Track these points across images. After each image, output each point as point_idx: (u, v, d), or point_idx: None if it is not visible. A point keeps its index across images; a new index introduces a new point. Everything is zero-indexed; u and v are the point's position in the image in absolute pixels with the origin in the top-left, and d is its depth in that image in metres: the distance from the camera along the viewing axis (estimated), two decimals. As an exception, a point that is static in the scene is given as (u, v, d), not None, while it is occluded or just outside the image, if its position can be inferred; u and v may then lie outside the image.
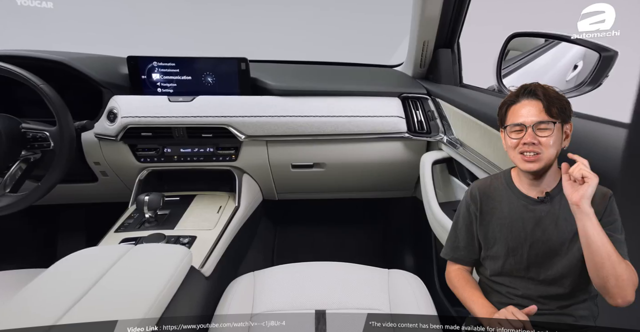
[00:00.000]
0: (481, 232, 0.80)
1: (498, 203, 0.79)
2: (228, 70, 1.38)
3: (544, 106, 0.71)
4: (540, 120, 0.71)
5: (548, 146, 0.70)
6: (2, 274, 1.12)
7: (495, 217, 0.79)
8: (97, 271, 0.76)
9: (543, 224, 0.75)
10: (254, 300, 1.04)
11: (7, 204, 1.03)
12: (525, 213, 0.76)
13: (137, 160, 1.36)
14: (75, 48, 1.48)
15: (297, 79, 1.44)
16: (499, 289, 0.79)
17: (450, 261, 0.86)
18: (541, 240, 0.75)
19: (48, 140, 1.07)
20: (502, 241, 0.77)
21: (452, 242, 0.85)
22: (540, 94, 0.72)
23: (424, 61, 1.36)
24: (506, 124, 0.74)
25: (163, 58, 1.37)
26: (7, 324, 0.63)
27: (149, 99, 1.32)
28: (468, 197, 0.83)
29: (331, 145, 1.39)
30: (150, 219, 1.19)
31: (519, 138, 0.72)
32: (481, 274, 0.84)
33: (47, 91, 1.04)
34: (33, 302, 0.67)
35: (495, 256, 0.78)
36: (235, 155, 1.39)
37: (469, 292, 0.79)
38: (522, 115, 0.72)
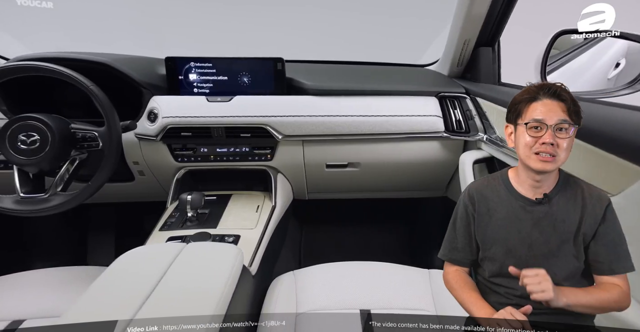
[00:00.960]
0: (479, 233, 0.80)
1: (496, 204, 0.79)
2: (264, 70, 1.39)
3: (568, 108, 0.71)
4: (563, 120, 0.70)
5: (563, 149, 0.70)
6: (53, 270, 1.14)
7: (493, 218, 0.79)
8: (158, 268, 0.77)
9: (541, 225, 0.75)
10: (297, 299, 1.05)
11: (60, 202, 1.05)
12: (523, 214, 0.76)
13: (174, 160, 1.38)
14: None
15: (332, 79, 1.44)
16: (497, 289, 0.79)
17: (447, 263, 0.85)
18: (539, 241, 0.75)
19: (97, 140, 1.09)
20: (500, 242, 0.77)
21: (449, 244, 0.85)
22: (566, 96, 0.72)
23: (461, 60, 1.35)
24: (526, 121, 0.72)
25: (200, 59, 1.38)
26: (85, 317, 0.64)
27: (187, 99, 1.33)
28: (466, 198, 0.82)
29: (367, 145, 1.39)
30: (192, 218, 1.20)
31: (536, 136, 0.70)
32: (479, 275, 0.84)
33: (96, 92, 1.06)
34: (106, 298, 0.69)
35: (494, 257, 0.78)
36: (270, 155, 1.40)
37: (467, 294, 0.79)
38: (544, 114, 0.71)
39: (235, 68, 1.39)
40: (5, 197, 1.04)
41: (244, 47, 1.84)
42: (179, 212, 1.27)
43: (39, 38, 1.66)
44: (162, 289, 0.69)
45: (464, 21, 1.18)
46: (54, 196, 1.06)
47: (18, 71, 1.03)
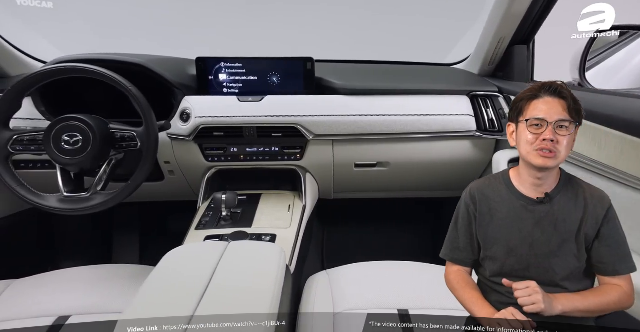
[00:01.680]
0: (480, 232, 0.80)
1: (497, 204, 0.79)
2: (294, 70, 1.39)
3: (569, 105, 0.71)
4: (563, 118, 0.71)
5: (564, 146, 0.71)
6: (92, 268, 1.17)
7: (494, 217, 0.79)
8: (207, 267, 0.78)
9: (542, 224, 0.75)
10: (333, 298, 1.05)
11: (101, 201, 1.07)
12: (524, 213, 0.76)
13: (205, 160, 1.39)
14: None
15: (362, 78, 1.44)
16: (498, 289, 0.79)
17: (449, 262, 0.86)
18: (540, 241, 0.75)
19: (135, 140, 1.10)
20: (501, 241, 0.77)
21: (451, 243, 0.85)
22: (567, 94, 0.73)
23: (494, 58, 1.34)
24: (527, 118, 0.73)
25: (230, 59, 1.39)
26: (147, 313, 0.65)
27: (219, 99, 1.34)
28: (467, 198, 0.83)
29: (397, 145, 1.39)
30: (226, 217, 1.22)
31: (537, 133, 0.71)
32: (480, 275, 0.84)
33: (135, 93, 1.08)
34: (162, 295, 0.70)
35: (495, 257, 0.78)
36: (300, 154, 1.40)
37: (468, 294, 0.79)
38: (545, 111, 0.72)
39: (265, 68, 1.40)
40: (50, 196, 1.06)
41: (269, 47, 1.84)
42: (212, 212, 1.28)
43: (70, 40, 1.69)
44: (215, 287, 0.70)
45: (502, 19, 1.16)
46: (95, 195, 1.08)
47: (62, 73, 1.05)
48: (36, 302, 1.01)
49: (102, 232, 1.92)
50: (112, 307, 1.03)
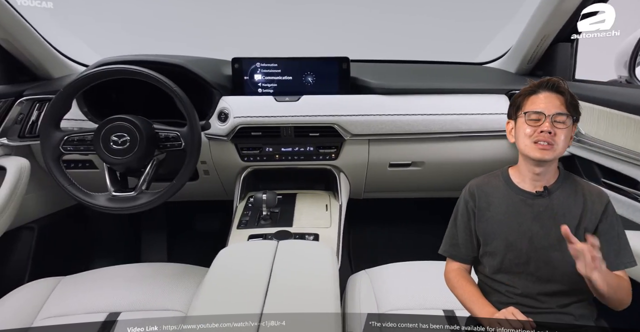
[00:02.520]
0: (480, 228, 0.80)
1: (496, 199, 0.80)
2: (329, 70, 1.39)
3: (566, 100, 0.74)
4: (560, 111, 0.73)
5: (561, 139, 0.72)
6: (136, 266, 1.19)
7: (493, 212, 0.80)
8: (263, 265, 0.79)
9: (541, 218, 0.75)
10: (376, 298, 1.05)
11: (147, 200, 1.09)
12: (523, 208, 0.77)
13: (241, 159, 1.41)
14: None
15: (397, 78, 1.43)
16: (498, 288, 0.79)
17: (449, 261, 0.86)
18: (539, 234, 0.75)
19: (179, 140, 1.12)
20: (500, 236, 0.78)
21: (450, 240, 0.86)
22: (564, 89, 0.74)
23: (534, 56, 1.32)
24: (525, 111, 0.75)
25: (266, 59, 1.40)
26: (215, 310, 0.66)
27: (256, 99, 1.35)
28: (466, 194, 0.84)
29: (433, 144, 1.38)
30: (265, 217, 1.23)
31: (535, 126, 0.73)
32: (480, 273, 0.84)
33: (180, 94, 1.09)
34: (225, 293, 0.71)
35: (494, 252, 0.78)
36: (335, 154, 1.40)
37: (468, 293, 0.79)
38: (543, 105, 0.74)
39: (300, 68, 1.40)
40: (98, 195, 1.08)
41: (300, 47, 1.85)
42: (250, 211, 1.30)
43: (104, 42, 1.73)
44: (277, 285, 0.71)
45: (549, 16, 1.14)
46: (141, 194, 1.10)
47: (111, 74, 1.06)
48: (88, 298, 1.04)
49: (131, 231, 1.95)
50: (161, 304, 1.05)
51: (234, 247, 0.91)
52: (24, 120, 1.23)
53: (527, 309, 0.74)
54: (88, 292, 1.06)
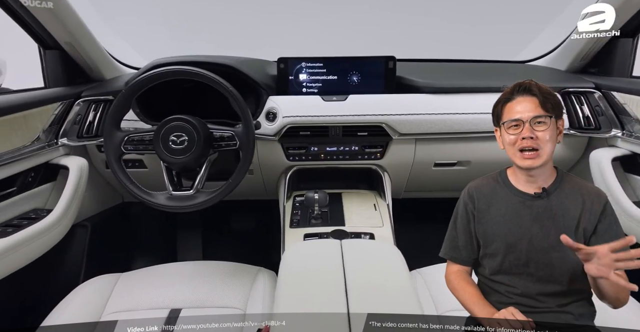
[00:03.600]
0: (479, 230, 0.80)
1: (495, 201, 0.80)
2: (374, 69, 1.39)
3: (540, 101, 0.74)
4: (537, 114, 0.73)
5: (545, 141, 0.72)
6: (188, 264, 1.21)
7: (493, 214, 0.80)
8: (333, 264, 0.79)
9: (540, 219, 0.76)
10: (433, 299, 1.04)
11: (205, 199, 1.10)
12: (522, 209, 0.77)
13: (286, 159, 1.42)
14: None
15: (443, 76, 1.42)
16: (498, 288, 0.79)
17: (449, 263, 0.85)
18: (539, 235, 0.75)
19: (234, 140, 1.13)
20: (500, 237, 0.78)
21: (450, 242, 0.86)
22: (536, 90, 0.75)
23: (588, 53, 1.29)
24: (503, 121, 0.76)
25: (312, 59, 1.40)
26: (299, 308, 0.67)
27: (303, 99, 1.36)
28: (466, 197, 0.84)
29: (480, 143, 1.36)
30: (316, 216, 1.23)
31: (516, 134, 0.74)
32: (480, 274, 0.84)
33: (236, 95, 1.10)
34: (305, 292, 0.71)
35: (494, 253, 0.78)
36: (380, 153, 1.40)
37: (469, 294, 0.79)
38: (519, 111, 0.74)
39: (346, 67, 1.40)
40: (158, 194, 1.11)
41: (341, 46, 1.85)
42: (299, 210, 1.30)
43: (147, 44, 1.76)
44: (355, 285, 0.71)
45: (616, 11, 1.11)
46: (198, 193, 1.12)
47: (169, 75, 1.08)
48: (149, 294, 1.06)
49: (167, 230, 1.99)
50: (219, 301, 1.06)
51: (299, 247, 0.91)
52: (82, 121, 1.26)
53: (527, 308, 0.75)
54: (148, 289, 1.08)
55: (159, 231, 1.97)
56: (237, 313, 1.03)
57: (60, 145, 1.19)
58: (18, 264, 0.90)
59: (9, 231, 0.92)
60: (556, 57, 1.44)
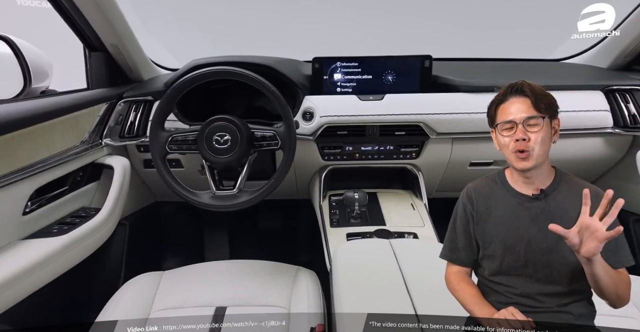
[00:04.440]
0: (478, 231, 0.81)
1: (494, 202, 0.81)
2: (410, 68, 1.38)
3: (532, 102, 0.74)
4: (530, 115, 0.73)
5: (537, 142, 0.72)
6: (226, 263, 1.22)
7: (491, 216, 0.80)
8: (389, 263, 0.79)
9: (539, 221, 0.76)
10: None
11: (248, 198, 1.11)
12: (520, 211, 0.77)
13: (321, 158, 1.42)
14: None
15: (479, 75, 1.40)
16: (497, 288, 0.79)
17: (449, 264, 0.85)
18: (537, 237, 0.76)
19: (276, 140, 1.14)
20: (499, 239, 0.78)
21: (450, 243, 0.86)
22: (528, 91, 0.75)
23: (635, 50, 1.26)
24: (497, 123, 0.77)
25: (347, 58, 1.40)
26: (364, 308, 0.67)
27: (339, 98, 1.36)
28: (464, 198, 0.85)
29: (518, 142, 1.34)
30: (356, 216, 1.23)
31: (510, 135, 0.74)
32: (479, 275, 0.84)
33: (278, 94, 1.11)
34: (368, 291, 0.71)
35: (493, 255, 0.78)
36: (416, 153, 1.40)
37: (468, 294, 0.78)
38: (512, 113, 0.75)
39: (381, 67, 1.40)
40: (202, 194, 1.12)
41: (373, 47, 1.85)
42: (337, 209, 1.31)
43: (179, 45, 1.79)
44: (415, 285, 0.71)
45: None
46: (240, 193, 1.13)
47: (212, 75, 1.09)
48: (194, 292, 1.08)
49: (196, 229, 2.01)
50: (262, 300, 1.07)
51: (349, 246, 0.91)
52: (123, 121, 1.29)
53: (527, 308, 0.74)
54: (193, 287, 1.09)
55: (187, 230, 2.00)
56: (281, 312, 1.04)
57: (104, 146, 1.21)
58: (74, 261, 0.92)
59: (65, 229, 0.94)
60: (596, 55, 1.42)
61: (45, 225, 0.96)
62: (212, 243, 2.06)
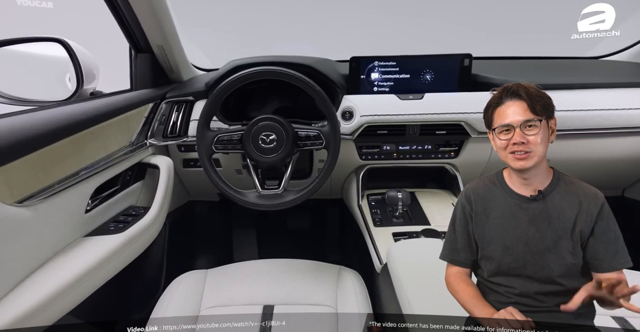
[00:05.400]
0: (477, 232, 0.81)
1: (492, 203, 0.81)
2: (449, 67, 1.37)
3: (528, 105, 0.74)
4: (527, 119, 0.73)
5: (537, 144, 0.73)
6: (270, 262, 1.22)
7: (490, 217, 0.80)
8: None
9: (537, 222, 0.76)
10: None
11: (293, 197, 1.12)
12: (518, 212, 0.78)
13: (359, 158, 1.42)
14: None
15: (519, 74, 1.39)
16: (497, 289, 0.78)
17: (449, 265, 0.85)
18: (535, 238, 0.76)
19: (321, 139, 1.14)
20: (497, 240, 0.78)
21: (450, 244, 0.85)
22: (523, 94, 0.74)
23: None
24: (494, 126, 0.77)
25: (385, 57, 1.40)
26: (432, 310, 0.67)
27: (379, 97, 1.36)
28: (463, 199, 0.85)
29: (563, 141, 1.32)
30: (398, 215, 1.23)
31: (507, 139, 0.74)
32: (479, 276, 0.83)
33: (323, 94, 1.11)
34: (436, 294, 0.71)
35: (492, 256, 0.78)
36: (455, 152, 1.38)
37: (468, 294, 0.78)
38: (509, 116, 0.75)
39: (419, 66, 1.39)
40: (248, 193, 1.13)
41: (408, 46, 1.84)
42: (377, 209, 1.30)
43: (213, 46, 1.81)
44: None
45: None
46: (285, 192, 1.14)
47: (257, 75, 1.09)
48: (241, 291, 1.08)
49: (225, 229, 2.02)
50: (309, 299, 1.07)
51: (403, 246, 0.91)
52: (166, 121, 1.30)
53: (526, 308, 0.74)
54: (239, 285, 1.10)
55: (217, 228, 2.02)
56: (329, 311, 1.04)
57: (149, 146, 1.23)
58: (130, 258, 0.94)
59: (120, 227, 0.96)
60: (639, 52, 1.39)
61: (102, 223, 0.98)
62: (241, 243, 2.08)
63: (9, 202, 0.61)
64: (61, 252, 0.77)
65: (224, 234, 2.02)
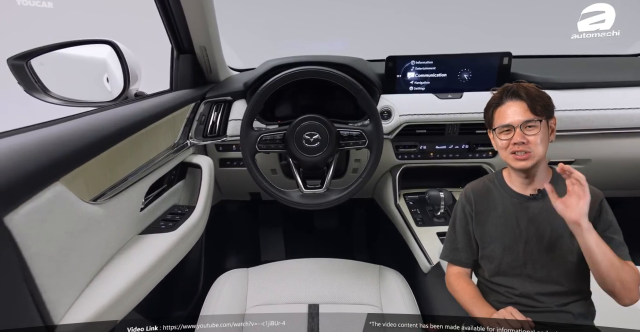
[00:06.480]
0: (477, 232, 0.79)
1: (492, 203, 0.80)
2: (487, 65, 1.36)
3: (529, 105, 0.74)
4: (527, 119, 0.74)
5: (537, 144, 0.73)
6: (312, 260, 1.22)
7: (490, 216, 0.80)
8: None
9: (537, 221, 0.76)
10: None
11: (336, 197, 1.12)
12: (519, 211, 0.77)
13: (396, 157, 1.41)
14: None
15: (558, 72, 1.36)
16: (497, 289, 0.78)
17: (449, 265, 0.84)
18: (535, 237, 0.75)
19: (363, 138, 1.14)
20: (498, 239, 0.78)
21: (450, 244, 0.84)
22: (523, 94, 0.75)
23: None
24: (494, 127, 0.77)
25: (421, 57, 1.39)
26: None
27: (416, 97, 1.35)
28: (463, 199, 0.84)
29: (603, 140, 1.30)
30: (439, 215, 1.22)
31: (508, 139, 0.74)
32: (479, 276, 0.82)
33: (365, 93, 1.11)
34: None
35: (492, 255, 0.77)
36: (493, 151, 1.37)
37: (468, 294, 0.78)
38: (509, 117, 0.75)
39: (457, 65, 1.38)
40: (291, 192, 1.13)
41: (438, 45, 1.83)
42: (417, 209, 1.30)
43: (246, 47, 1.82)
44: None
45: None
46: (328, 191, 1.14)
47: (302, 75, 1.09)
48: (285, 289, 1.09)
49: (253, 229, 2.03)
50: (353, 298, 1.07)
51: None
52: (205, 121, 1.32)
53: (526, 308, 0.73)
54: (282, 284, 1.11)
55: (246, 228, 2.03)
56: (375, 311, 1.04)
57: (190, 146, 1.25)
58: (181, 256, 0.95)
59: (170, 226, 0.97)
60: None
61: (152, 221, 0.99)
62: (268, 242, 2.08)
63: (86, 200, 0.63)
64: (122, 249, 0.79)
65: (251, 234, 2.03)
